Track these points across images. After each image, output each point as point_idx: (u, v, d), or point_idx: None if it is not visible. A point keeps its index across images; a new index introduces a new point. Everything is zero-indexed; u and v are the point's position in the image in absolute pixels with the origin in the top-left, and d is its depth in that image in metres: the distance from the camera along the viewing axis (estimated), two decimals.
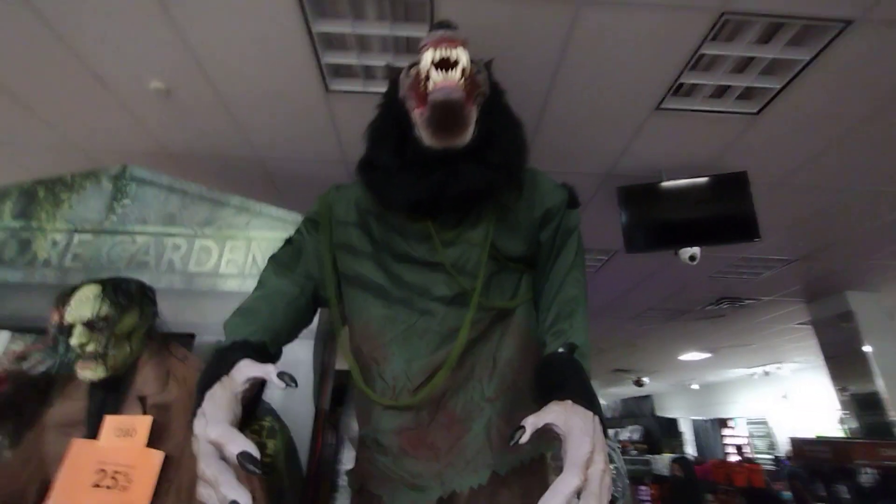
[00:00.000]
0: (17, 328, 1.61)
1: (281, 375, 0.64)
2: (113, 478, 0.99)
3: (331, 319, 0.95)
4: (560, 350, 0.79)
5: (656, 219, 2.16)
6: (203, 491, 0.54)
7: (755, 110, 1.94)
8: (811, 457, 3.33)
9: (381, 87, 1.82)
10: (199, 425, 0.60)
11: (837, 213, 2.78)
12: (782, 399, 9.04)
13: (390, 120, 0.90)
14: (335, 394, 2.03)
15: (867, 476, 3.04)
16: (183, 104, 1.96)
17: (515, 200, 0.93)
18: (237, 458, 0.54)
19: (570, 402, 0.65)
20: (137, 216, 1.79)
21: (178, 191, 1.83)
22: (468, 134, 0.84)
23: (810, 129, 2.05)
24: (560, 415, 0.63)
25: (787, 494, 4.35)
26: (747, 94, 1.88)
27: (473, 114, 0.85)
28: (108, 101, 1.93)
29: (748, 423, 9.91)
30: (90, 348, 1.05)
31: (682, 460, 3.93)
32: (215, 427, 0.58)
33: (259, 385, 0.72)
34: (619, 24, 1.57)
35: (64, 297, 1.10)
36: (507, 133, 0.89)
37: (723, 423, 10.62)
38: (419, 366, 0.83)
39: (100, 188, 1.84)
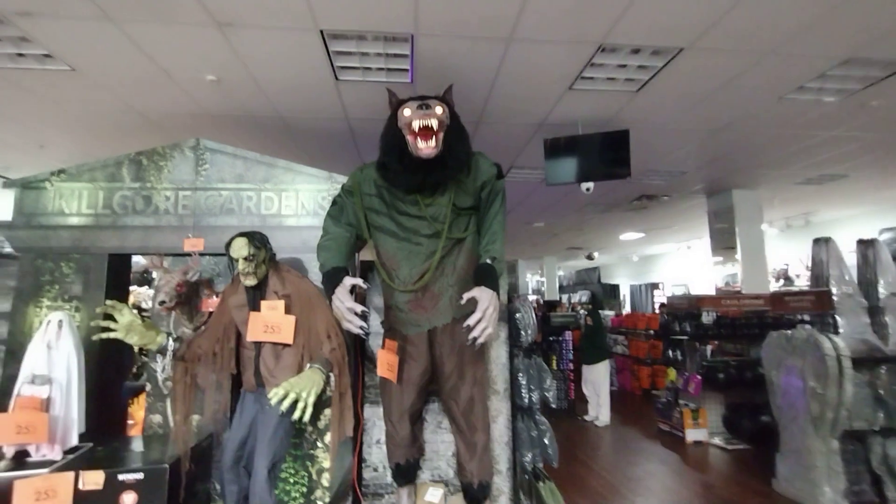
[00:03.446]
0: (158, 255, 2.57)
1: (365, 281, 1.68)
2: (272, 328, 2.09)
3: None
4: (487, 261, 1.54)
5: (565, 161, 3.12)
6: (346, 324, 1.58)
7: (635, 90, 2.82)
8: (677, 306, 4.90)
9: (375, 78, 2.61)
10: (337, 300, 1.57)
11: (706, 145, 3.81)
12: (701, 267, 10.94)
13: (394, 139, 1.52)
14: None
15: (707, 317, 4.62)
16: (230, 90, 2.67)
17: (466, 177, 1.57)
18: (360, 312, 1.58)
19: (484, 287, 1.44)
20: (216, 177, 2.62)
21: (241, 157, 2.64)
22: (438, 151, 1.48)
23: (671, 101, 2.97)
24: (478, 292, 1.42)
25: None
26: (629, 81, 2.73)
27: (441, 139, 1.48)
28: (174, 89, 2.62)
29: (673, 286, 12.07)
30: (247, 270, 2.04)
31: (593, 313, 5.45)
32: (347, 301, 1.56)
33: (353, 287, 1.74)
34: (538, 48, 2.37)
35: (227, 245, 2.06)
36: (459, 145, 1.53)
37: (654, 286, 12.88)
38: (416, 271, 1.56)
39: (184, 156, 2.63)
